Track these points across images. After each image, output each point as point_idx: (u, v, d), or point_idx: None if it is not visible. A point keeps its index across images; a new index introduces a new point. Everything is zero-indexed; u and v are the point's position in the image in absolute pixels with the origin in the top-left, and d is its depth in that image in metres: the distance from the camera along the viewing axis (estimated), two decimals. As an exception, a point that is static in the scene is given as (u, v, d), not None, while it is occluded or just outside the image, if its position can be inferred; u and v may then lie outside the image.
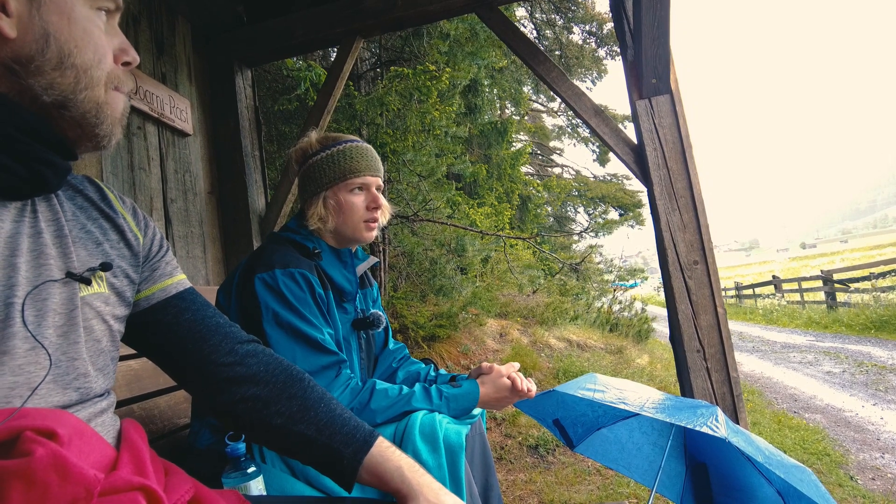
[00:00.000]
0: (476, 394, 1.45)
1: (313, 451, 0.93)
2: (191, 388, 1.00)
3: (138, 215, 0.96)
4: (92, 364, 0.80)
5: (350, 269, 1.57)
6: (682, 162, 2.47)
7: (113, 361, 0.86)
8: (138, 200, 2.23)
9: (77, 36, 0.73)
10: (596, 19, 12.06)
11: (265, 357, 0.99)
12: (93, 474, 0.64)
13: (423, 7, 2.72)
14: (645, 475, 2.14)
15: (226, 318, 1.02)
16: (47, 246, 0.76)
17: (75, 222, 0.83)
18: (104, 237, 0.86)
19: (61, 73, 0.72)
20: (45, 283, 0.74)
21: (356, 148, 1.55)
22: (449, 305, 6.09)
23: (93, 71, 0.75)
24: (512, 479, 3.65)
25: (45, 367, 0.71)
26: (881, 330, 9.54)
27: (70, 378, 0.76)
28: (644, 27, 2.29)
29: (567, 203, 17.10)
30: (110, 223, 0.89)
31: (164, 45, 2.55)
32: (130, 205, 0.96)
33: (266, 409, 0.94)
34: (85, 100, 0.74)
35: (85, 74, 0.74)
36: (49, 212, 0.79)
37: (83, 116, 0.75)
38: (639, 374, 6.24)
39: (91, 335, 0.80)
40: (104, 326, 0.83)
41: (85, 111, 0.75)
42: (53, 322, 0.74)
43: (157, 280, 0.95)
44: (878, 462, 3.73)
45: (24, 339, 0.70)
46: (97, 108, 0.76)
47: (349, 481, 0.91)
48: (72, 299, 0.77)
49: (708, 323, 2.40)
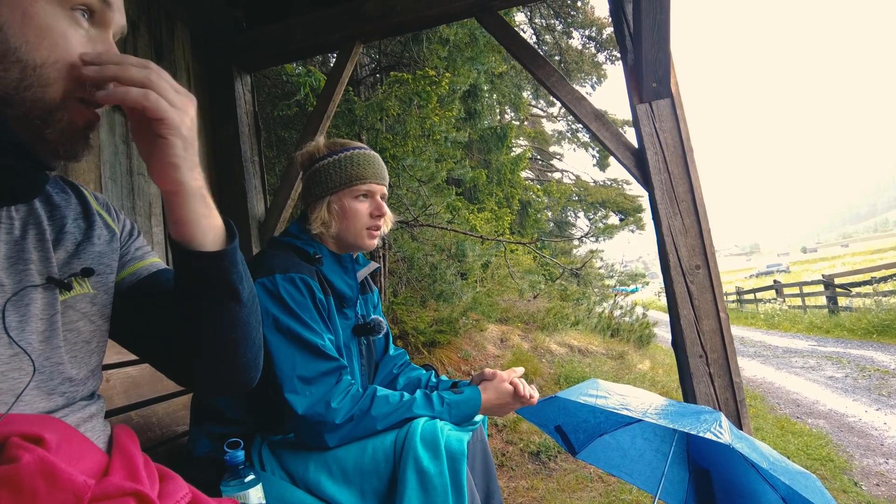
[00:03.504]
0: (478, 400, 1.44)
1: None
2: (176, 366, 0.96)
3: (111, 210, 0.95)
4: (77, 367, 0.79)
5: (351, 274, 1.55)
6: (683, 166, 2.46)
7: (100, 363, 0.85)
8: (137, 206, 2.23)
9: (30, 32, 0.68)
10: (595, 24, 12.10)
11: None
12: (82, 480, 0.63)
13: (423, 12, 2.72)
14: (648, 482, 2.12)
15: None
16: (27, 251, 0.75)
17: (54, 225, 0.82)
18: (83, 236, 0.85)
19: (3, 66, 0.67)
20: (26, 288, 0.73)
21: (363, 155, 1.54)
22: (449, 311, 6.07)
23: (43, 69, 0.69)
24: (514, 486, 3.63)
25: (29, 374, 0.70)
26: (883, 334, 9.51)
27: (55, 383, 0.75)
28: (644, 31, 2.29)
29: (567, 208, 17.11)
30: (87, 221, 0.88)
31: (163, 51, 2.55)
32: (103, 200, 0.95)
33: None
34: (29, 98, 0.69)
35: (33, 72, 0.69)
36: (29, 216, 0.78)
37: (26, 116, 0.70)
38: (640, 380, 6.22)
39: (79, 337, 0.80)
40: (92, 327, 0.83)
41: (28, 110, 0.70)
42: (36, 328, 0.73)
43: (126, 265, 0.94)
44: (882, 467, 3.70)
45: (6, 345, 0.69)
46: (44, 112, 0.71)
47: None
48: (52, 304, 0.76)
49: (710, 328, 2.38)
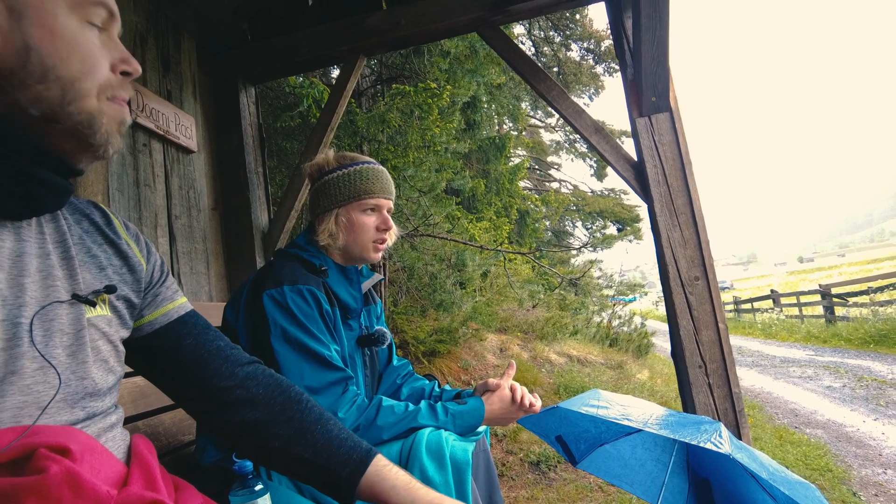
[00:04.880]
0: (482, 410, 1.46)
1: (311, 472, 0.96)
2: (191, 409, 1.01)
3: (141, 241, 0.97)
4: (99, 383, 0.80)
5: (356, 286, 1.58)
6: (682, 178, 2.49)
7: (118, 380, 0.88)
8: (143, 217, 2.25)
9: (60, 48, 0.71)
10: (594, 36, 12.20)
11: (265, 379, 1.00)
12: (105, 490, 0.65)
13: (426, 26, 2.76)
14: (648, 491, 2.13)
15: (227, 339, 1.04)
16: (54, 267, 0.77)
17: (81, 245, 0.84)
18: (108, 262, 0.88)
19: (46, 86, 0.71)
20: (53, 303, 0.74)
21: (373, 169, 1.57)
22: (449, 320, 6.09)
23: (80, 83, 0.73)
24: (514, 495, 3.63)
25: (55, 387, 0.72)
26: (880, 344, 9.54)
27: (78, 397, 0.76)
28: (644, 47, 2.33)
29: (565, 217, 17.15)
30: (114, 248, 0.90)
31: (170, 63, 2.58)
32: (134, 231, 0.97)
33: (265, 432, 0.96)
34: (75, 111, 0.73)
35: (72, 87, 0.72)
36: (56, 233, 0.80)
37: (75, 128, 0.74)
38: (639, 390, 6.23)
39: (98, 355, 0.81)
40: (110, 346, 0.84)
41: (76, 123, 0.74)
42: (61, 342, 0.74)
43: (158, 305, 0.97)
44: (880, 478, 3.71)
45: (32, 358, 0.70)
46: (90, 119, 0.75)
47: (348, 501, 0.94)
48: (79, 320, 0.78)
49: (709, 338, 2.41)
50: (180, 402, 1.01)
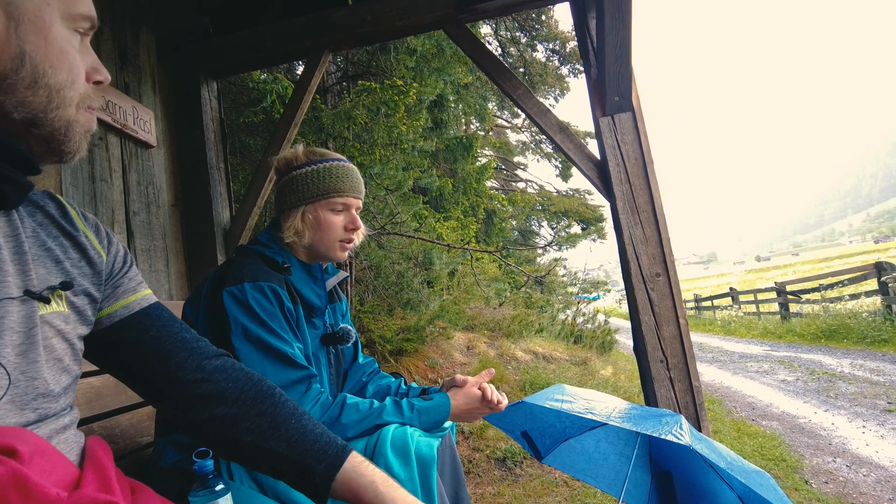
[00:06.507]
0: (447, 406, 1.46)
1: (285, 468, 0.93)
2: (158, 405, 0.99)
3: (101, 232, 0.94)
4: (52, 383, 0.77)
5: (320, 283, 1.55)
6: (643, 177, 2.55)
7: (74, 380, 0.84)
8: (99, 213, 2.17)
9: (53, 56, 0.73)
10: (559, 38, 12.35)
11: (234, 372, 0.97)
12: (55, 493, 0.63)
13: (392, 23, 2.74)
14: (612, 485, 2.17)
15: (193, 332, 1.01)
16: (5, 263, 0.74)
17: (35, 239, 0.81)
18: (64, 255, 0.84)
19: (34, 92, 0.72)
20: (3, 300, 0.71)
21: (343, 167, 1.53)
22: (416, 319, 6.08)
23: (66, 91, 0.75)
24: (480, 492, 3.65)
25: (3, 388, 0.69)
26: (830, 339, 9.95)
27: (29, 398, 0.73)
28: (607, 47, 2.37)
29: (531, 217, 17.33)
30: (71, 241, 0.87)
31: (128, 55, 2.51)
32: (93, 222, 0.94)
33: (236, 427, 0.93)
34: (55, 118, 0.75)
35: (58, 94, 0.74)
36: (8, 227, 0.77)
37: (52, 135, 0.76)
38: (603, 385, 6.34)
39: (52, 354, 0.78)
40: (66, 345, 0.81)
41: (54, 129, 0.75)
42: (11, 341, 0.72)
43: (119, 297, 0.94)
44: (830, 466, 3.87)
45: None
46: (66, 127, 0.76)
47: (322, 497, 0.91)
48: (31, 317, 0.75)
49: (670, 333, 2.46)
50: (150, 400, 0.98)
